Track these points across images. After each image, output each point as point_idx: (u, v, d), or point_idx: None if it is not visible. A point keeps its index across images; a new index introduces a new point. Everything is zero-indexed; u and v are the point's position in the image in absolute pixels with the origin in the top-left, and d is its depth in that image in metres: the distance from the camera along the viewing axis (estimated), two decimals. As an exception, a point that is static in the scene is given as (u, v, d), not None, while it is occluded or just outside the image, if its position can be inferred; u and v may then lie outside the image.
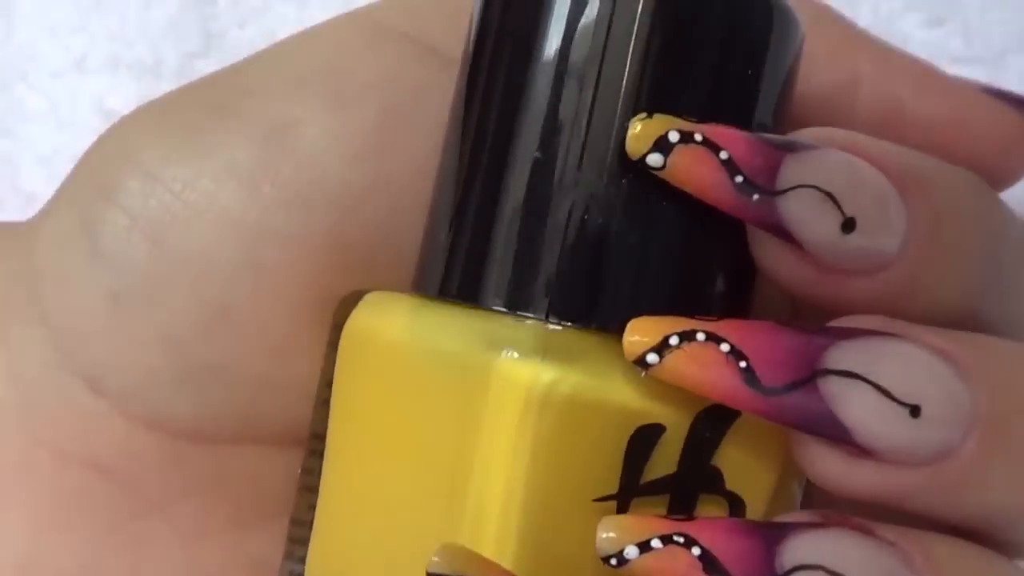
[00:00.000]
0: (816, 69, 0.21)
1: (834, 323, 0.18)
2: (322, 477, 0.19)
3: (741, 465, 0.18)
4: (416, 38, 0.20)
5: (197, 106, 0.20)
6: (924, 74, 0.22)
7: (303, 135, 0.19)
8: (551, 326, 0.17)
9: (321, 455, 0.19)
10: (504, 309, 0.17)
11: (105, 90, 0.32)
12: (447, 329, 0.17)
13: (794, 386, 0.17)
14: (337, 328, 0.19)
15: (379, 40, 0.20)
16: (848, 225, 0.17)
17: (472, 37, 0.18)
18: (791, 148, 0.17)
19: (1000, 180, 0.22)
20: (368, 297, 0.19)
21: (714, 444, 0.17)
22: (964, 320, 0.19)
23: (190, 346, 0.19)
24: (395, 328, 0.18)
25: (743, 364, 0.17)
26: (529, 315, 0.17)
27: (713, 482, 0.17)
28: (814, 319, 0.18)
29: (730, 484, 0.18)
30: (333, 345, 0.19)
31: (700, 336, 0.17)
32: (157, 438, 0.20)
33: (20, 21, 0.33)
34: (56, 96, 0.32)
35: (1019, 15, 0.25)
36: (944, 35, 0.25)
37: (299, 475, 0.20)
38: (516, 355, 0.16)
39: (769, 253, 0.18)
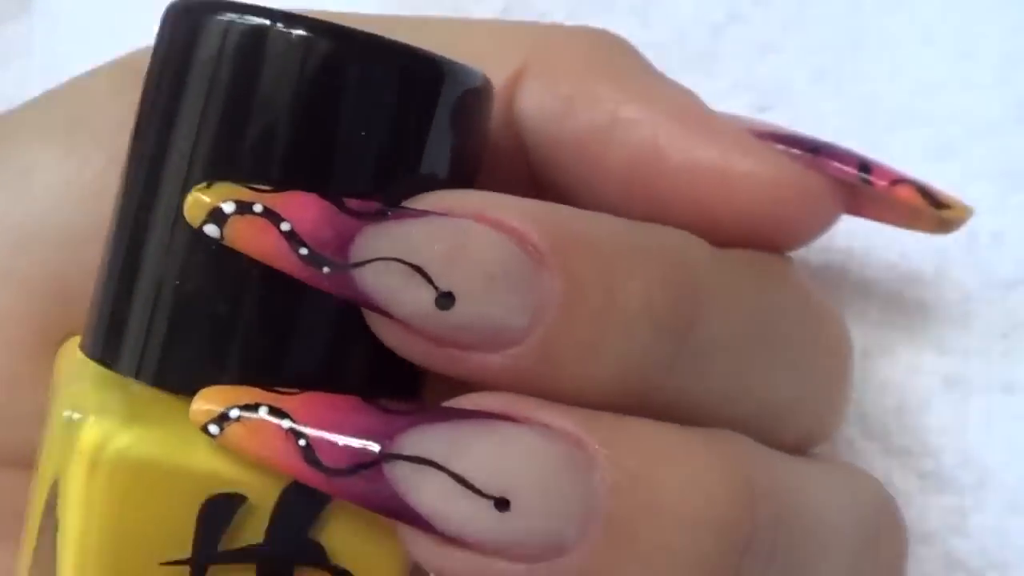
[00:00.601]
0: (572, 113, 0.20)
1: (449, 402, 0.17)
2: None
3: (353, 538, 0.17)
4: None
5: None
6: (689, 115, 0.19)
7: (36, 181, 0.20)
8: (138, 388, 0.17)
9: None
10: (110, 369, 0.17)
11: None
12: (70, 383, 0.18)
13: (357, 469, 0.16)
14: (59, 367, 0.20)
15: (126, 86, 0.21)
16: (445, 299, 0.16)
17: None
18: (378, 218, 0.16)
19: (778, 239, 0.19)
20: (68, 342, 0.20)
21: (308, 517, 0.17)
22: (627, 398, 0.17)
23: None
24: (61, 376, 0.19)
25: (302, 442, 0.16)
26: (127, 376, 0.17)
27: (310, 556, 0.17)
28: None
29: (339, 559, 0.17)
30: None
31: (262, 411, 0.16)
32: None
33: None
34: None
35: (852, 105, 0.22)
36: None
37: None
38: (92, 418, 0.17)
39: (375, 323, 0.17)
